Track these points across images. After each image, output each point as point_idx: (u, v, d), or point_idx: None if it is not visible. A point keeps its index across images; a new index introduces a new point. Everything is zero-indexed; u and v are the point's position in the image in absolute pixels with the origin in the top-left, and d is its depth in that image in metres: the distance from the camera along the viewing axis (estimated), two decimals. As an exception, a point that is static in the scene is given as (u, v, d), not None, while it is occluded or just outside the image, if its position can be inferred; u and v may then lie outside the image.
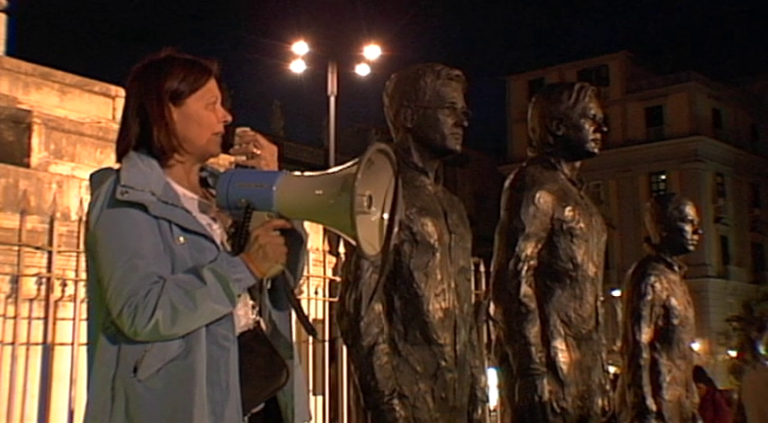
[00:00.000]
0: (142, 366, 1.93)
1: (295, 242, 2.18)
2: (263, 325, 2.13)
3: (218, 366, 1.97)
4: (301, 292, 5.36)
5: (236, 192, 2.02)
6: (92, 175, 2.13)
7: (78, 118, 5.85)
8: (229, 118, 2.19)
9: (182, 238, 2.00)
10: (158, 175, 2.07)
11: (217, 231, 2.10)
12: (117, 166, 2.11)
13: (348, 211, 1.90)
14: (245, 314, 2.10)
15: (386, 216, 2.07)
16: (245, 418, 2.04)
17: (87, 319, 2.10)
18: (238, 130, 2.16)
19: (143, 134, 2.11)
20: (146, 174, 2.05)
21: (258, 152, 2.12)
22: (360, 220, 1.95)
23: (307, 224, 2.24)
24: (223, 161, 2.47)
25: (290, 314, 2.24)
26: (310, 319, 2.67)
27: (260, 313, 2.15)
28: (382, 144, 2.05)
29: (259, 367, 2.06)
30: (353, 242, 1.98)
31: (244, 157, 2.12)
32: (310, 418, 2.28)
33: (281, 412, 2.16)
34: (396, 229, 2.11)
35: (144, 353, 1.94)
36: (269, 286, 2.17)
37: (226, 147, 2.22)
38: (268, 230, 2.02)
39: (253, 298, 2.13)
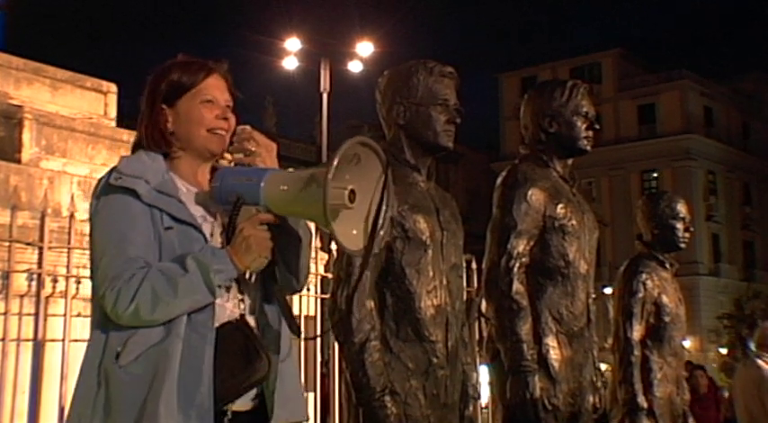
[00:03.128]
0: (124, 353, 1.97)
1: (294, 240, 2.19)
2: (247, 318, 2.14)
3: (194, 352, 1.99)
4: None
5: (228, 187, 2.07)
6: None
7: (70, 114, 5.82)
8: (230, 115, 2.21)
9: (171, 227, 2.04)
10: (159, 166, 2.13)
11: (211, 224, 2.13)
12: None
13: (320, 203, 1.91)
14: (233, 307, 2.11)
15: (374, 210, 2.08)
16: (229, 413, 2.06)
17: (91, 314, 2.13)
18: (237, 128, 2.20)
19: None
20: (145, 164, 2.11)
21: (254, 149, 2.15)
22: (343, 214, 1.97)
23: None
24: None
25: (284, 310, 2.24)
26: (302, 316, 2.68)
27: (248, 307, 2.16)
28: (365, 138, 2.06)
29: (236, 358, 2.07)
30: (327, 231, 2.00)
31: (241, 155, 2.16)
32: (307, 419, 2.27)
33: (266, 403, 2.16)
34: (383, 226, 2.12)
35: (127, 339, 1.98)
36: (253, 279, 2.17)
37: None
38: (254, 224, 2.05)
39: (241, 291, 2.14)
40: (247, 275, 2.15)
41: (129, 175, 2.06)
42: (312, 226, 2.24)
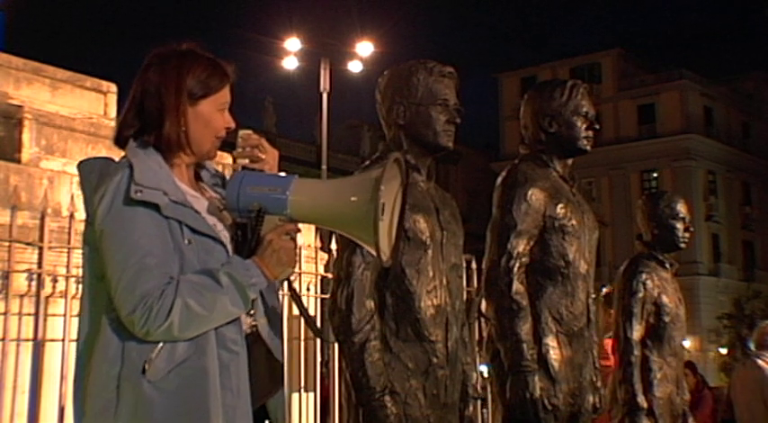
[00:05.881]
0: (152, 368, 1.91)
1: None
2: (260, 328, 2.13)
3: (228, 371, 1.97)
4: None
5: (247, 195, 2.01)
6: (83, 165, 2.08)
7: (70, 113, 5.83)
8: (233, 125, 2.18)
9: (191, 239, 1.99)
10: (167, 173, 2.06)
11: (223, 232, 2.09)
12: (110, 153, 2.10)
13: (371, 219, 1.91)
14: (243, 317, 2.10)
15: (395, 222, 2.09)
16: None
17: (80, 314, 2.07)
18: (242, 132, 2.17)
19: (153, 124, 2.08)
20: (156, 172, 2.03)
21: (263, 156, 2.13)
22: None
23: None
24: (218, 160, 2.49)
25: (281, 315, 2.24)
26: (301, 317, 2.68)
27: (255, 316, 2.15)
28: (398, 154, 2.07)
29: (262, 371, 2.07)
30: (373, 250, 1.98)
31: (247, 160, 2.13)
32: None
33: (270, 413, 2.16)
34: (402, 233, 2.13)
35: (152, 353, 1.92)
36: (278, 287, 2.18)
37: (224, 146, 2.23)
38: (281, 235, 2.03)
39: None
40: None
41: (149, 188, 1.97)
42: (312, 227, 2.24)
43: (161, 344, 1.92)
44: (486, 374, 4.29)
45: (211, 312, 1.93)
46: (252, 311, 2.11)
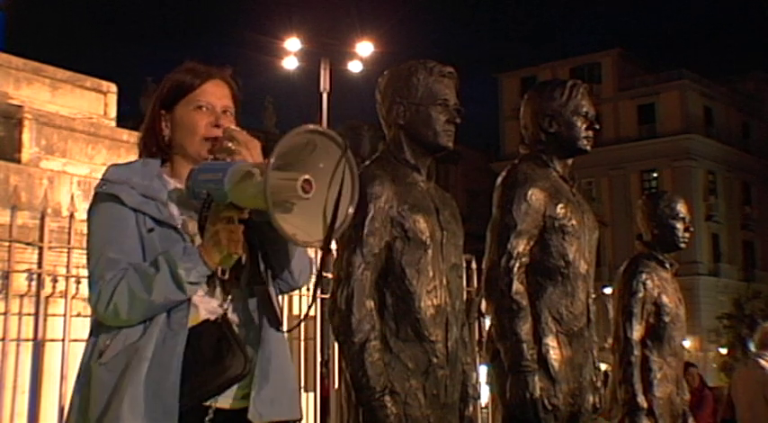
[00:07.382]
0: (107, 351, 2.04)
1: (280, 238, 2.17)
2: (231, 317, 2.15)
3: (166, 349, 2.03)
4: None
5: (198, 184, 2.08)
6: None
7: (70, 114, 5.82)
8: (222, 122, 2.22)
9: (153, 229, 2.11)
10: (150, 171, 2.18)
11: (191, 223, 2.15)
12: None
13: (262, 195, 1.90)
14: (217, 305, 2.14)
15: (332, 201, 2.08)
16: (210, 412, 2.07)
17: (91, 314, 2.20)
18: (222, 128, 2.21)
19: None
20: (134, 169, 2.18)
21: (233, 147, 2.15)
22: (300, 206, 1.98)
23: None
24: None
25: (275, 308, 2.23)
26: (301, 316, 2.68)
27: (233, 306, 2.17)
28: (316, 126, 2.06)
29: (206, 355, 2.07)
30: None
31: (225, 155, 2.16)
32: (301, 418, 2.27)
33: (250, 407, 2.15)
34: (347, 215, 2.10)
35: (111, 339, 2.05)
36: (225, 276, 2.15)
37: None
38: (221, 220, 2.07)
39: (225, 290, 2.16)
40: (225, 273, 2.14)
41: (114, 182, 2.14)
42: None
43: (119, 329, 2.05)
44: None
45: (150, 295, 2.02)
46: (224, 297, 2.15)
